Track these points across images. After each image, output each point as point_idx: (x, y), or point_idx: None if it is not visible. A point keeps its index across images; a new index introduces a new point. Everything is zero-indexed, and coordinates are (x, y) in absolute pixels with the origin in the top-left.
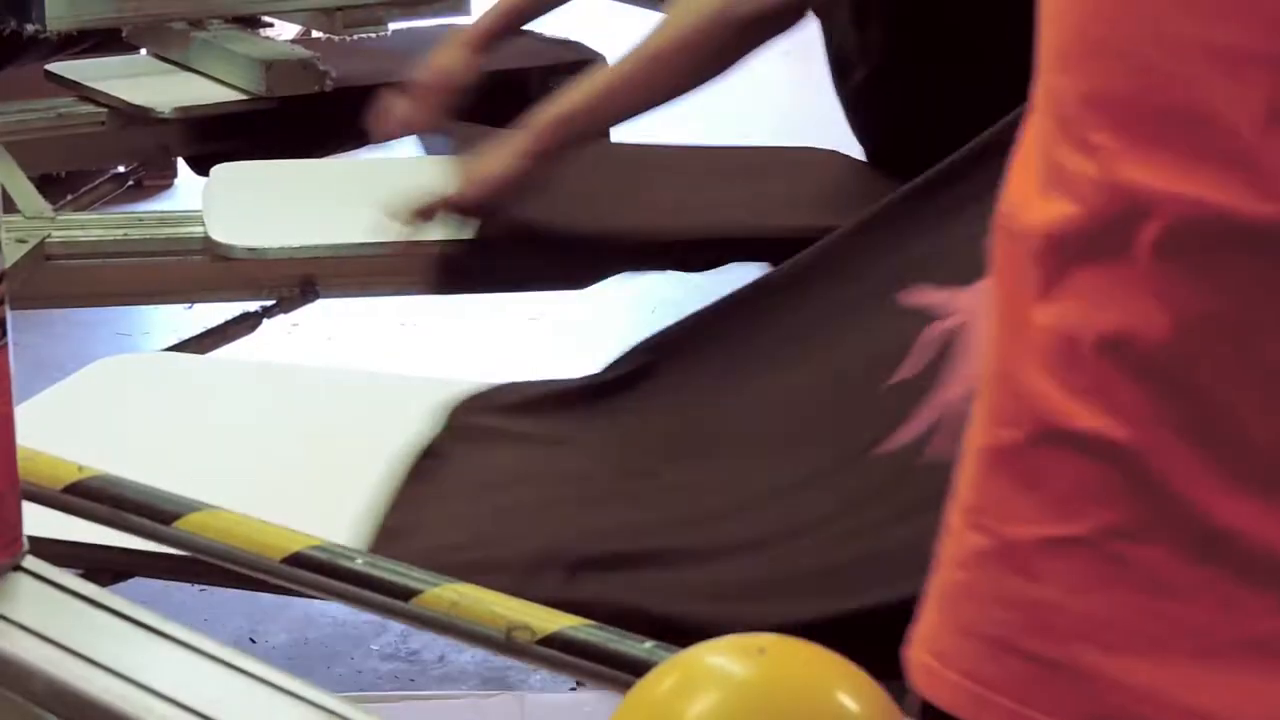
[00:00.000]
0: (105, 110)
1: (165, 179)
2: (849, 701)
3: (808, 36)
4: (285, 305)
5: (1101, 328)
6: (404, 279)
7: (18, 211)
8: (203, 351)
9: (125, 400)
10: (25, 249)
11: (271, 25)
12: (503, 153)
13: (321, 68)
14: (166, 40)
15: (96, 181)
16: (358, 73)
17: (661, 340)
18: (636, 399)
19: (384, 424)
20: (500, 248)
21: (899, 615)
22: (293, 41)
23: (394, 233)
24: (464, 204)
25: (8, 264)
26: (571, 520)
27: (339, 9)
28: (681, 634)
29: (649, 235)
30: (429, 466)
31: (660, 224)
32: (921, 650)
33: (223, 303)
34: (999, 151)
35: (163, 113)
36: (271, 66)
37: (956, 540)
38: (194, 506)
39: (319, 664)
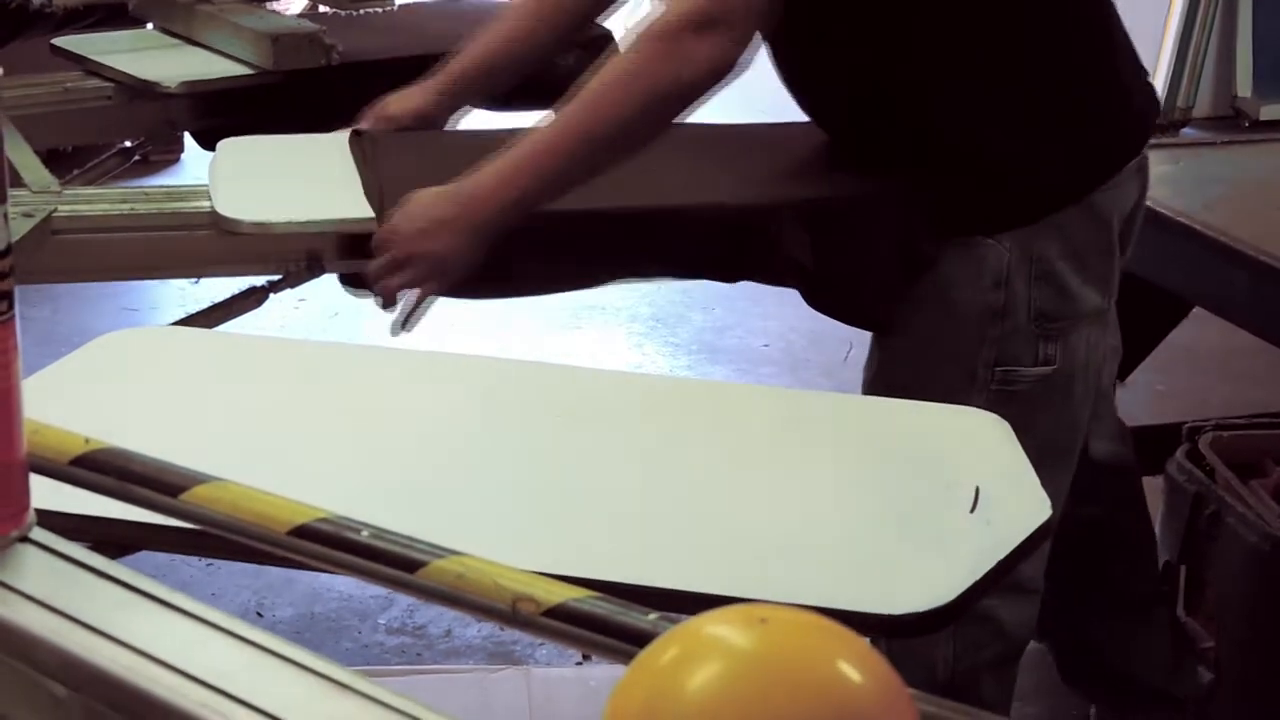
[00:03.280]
0: (111, 85)
1: (171, 153)
2: (850, 671)
3: None
4: (292, 280)
5: None
6: None
7: (25, 185)
8: (209, 326)
9: (132, 374)
10: (32, 223)
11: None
12: (453, 248)
13: (328, 41)
14: (172, 14)
15: (103, 156)
16: (364, 47)
17: None
18: None
19: (390, 398)
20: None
21: None
22: (299, 16)
23: None
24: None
25: (15, 238)
26: None
27: None
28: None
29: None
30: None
31: (648, 202)
32: None
33: (229, 277)
34: None
35: (169, 87)
36: (278, 40)
37: None
38: (200, 479)
39: (326, 638)
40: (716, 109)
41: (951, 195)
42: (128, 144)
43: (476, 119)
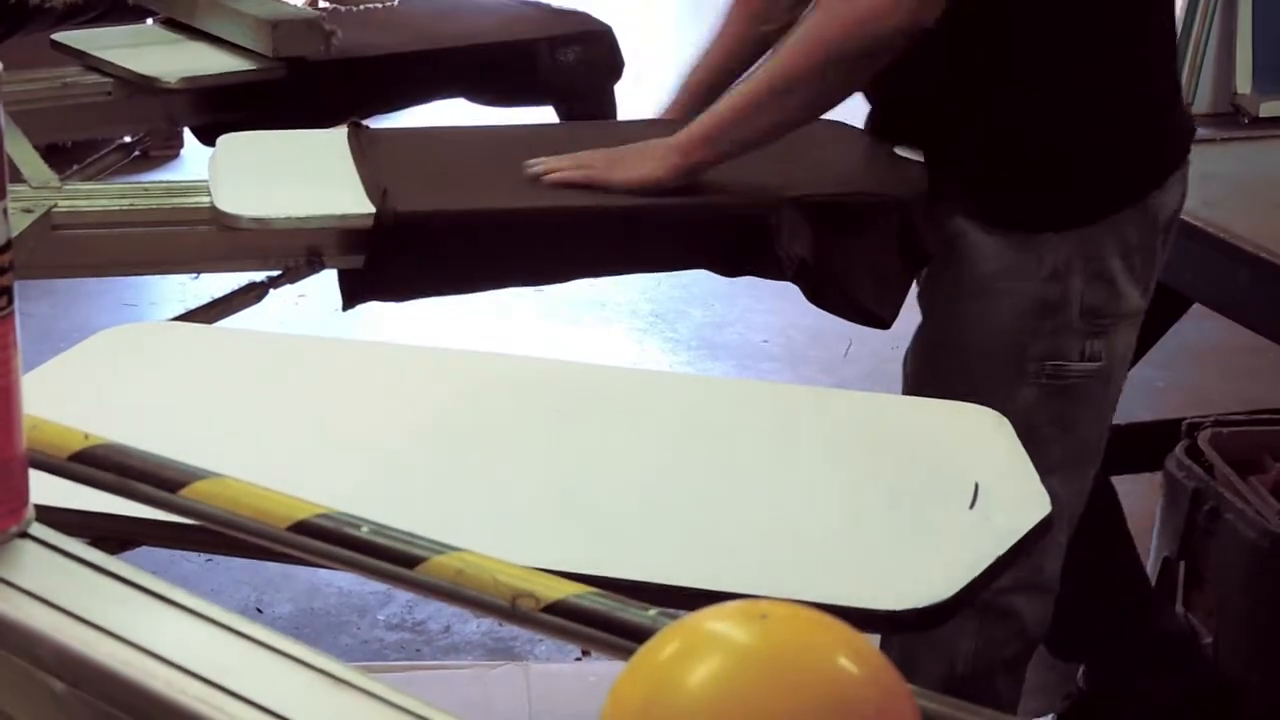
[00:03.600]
0: (111, 80)
1: (171, 149)
2: (851, 667)
3: None
4: (292, 275)
5: None
6: None
7: (24, 181)
8: (209, 321)
9: (132, 369)
10: (32, 218)
11: None
12: (649, 162)
13: (327, 28)
14: (173, 1)
15: (103, 151)
16: (365, 43)
17: None
18: None
19: (390, 393)
20: (400, 262)
21: None
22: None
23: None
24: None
25: (14, 233)
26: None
27: None
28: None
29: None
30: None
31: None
32: None
33: (229, 273)
34: None
35: (169, 83)
36: (278, 26)
37: None
38: (199, 474)
39: (325, 634)
40: None
41: (1017, 190)
42: (127, 139)
43: (473, 115)
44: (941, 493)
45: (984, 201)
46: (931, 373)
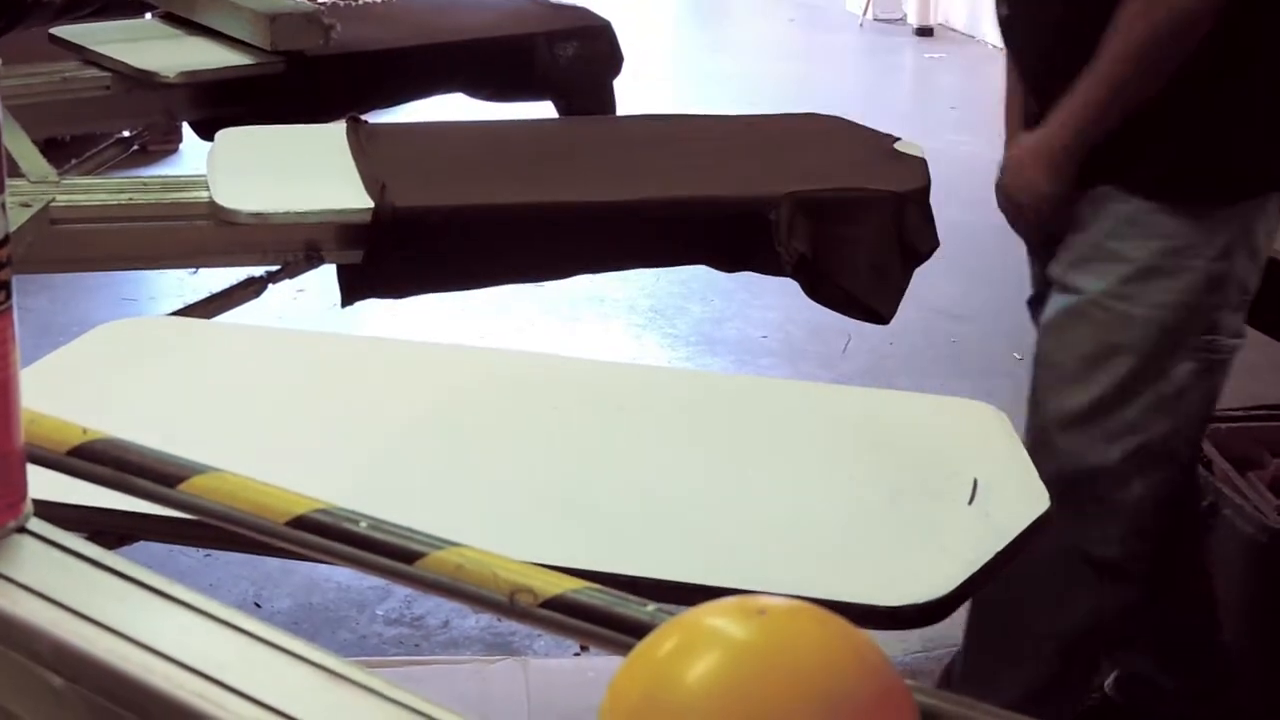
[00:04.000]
0: (110, 74)
1: (170, 144)
2: (848, 663)
3: (813, 6)
4: (290, 270)
5: None
6: None
7: (22, 175)
8: (208, 316)
9: (131, 363)
10: (30, 213)
11: None
12: (1036, 180)
13: (326, 22)
14: None
15: (101, 146)
16: (364, 37)
17: None
18: None
19: (389, 389)
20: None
21: None
22: None
23: None
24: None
25: (13, 228)
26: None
27: None
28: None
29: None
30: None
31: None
32: None
33: (228, 268)
34: None
35: (167, 77)
36: (276, 20)
37: None
38: (198, 469)
39: (324, 629)
40: (721, 101)
41: (1198, 167)
42: (126, 134)
43: (470, 111)
44: (940, 489)
45: (1166, 179)
46: (1087, 349)
